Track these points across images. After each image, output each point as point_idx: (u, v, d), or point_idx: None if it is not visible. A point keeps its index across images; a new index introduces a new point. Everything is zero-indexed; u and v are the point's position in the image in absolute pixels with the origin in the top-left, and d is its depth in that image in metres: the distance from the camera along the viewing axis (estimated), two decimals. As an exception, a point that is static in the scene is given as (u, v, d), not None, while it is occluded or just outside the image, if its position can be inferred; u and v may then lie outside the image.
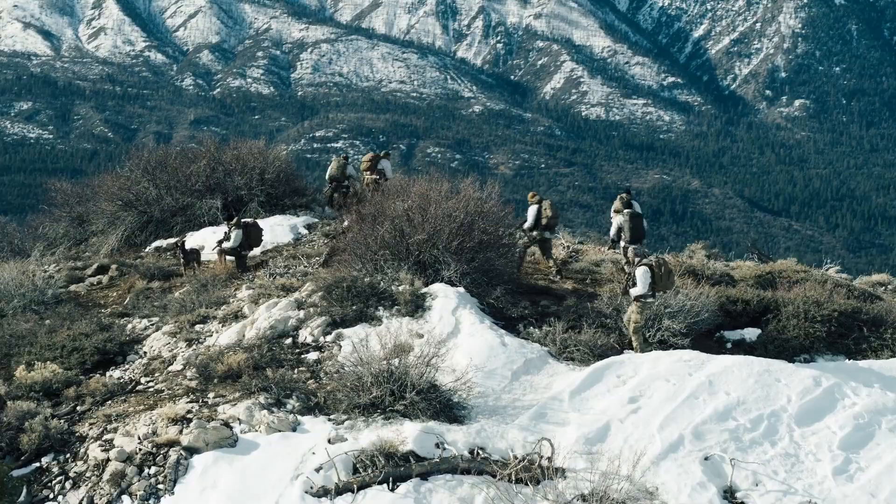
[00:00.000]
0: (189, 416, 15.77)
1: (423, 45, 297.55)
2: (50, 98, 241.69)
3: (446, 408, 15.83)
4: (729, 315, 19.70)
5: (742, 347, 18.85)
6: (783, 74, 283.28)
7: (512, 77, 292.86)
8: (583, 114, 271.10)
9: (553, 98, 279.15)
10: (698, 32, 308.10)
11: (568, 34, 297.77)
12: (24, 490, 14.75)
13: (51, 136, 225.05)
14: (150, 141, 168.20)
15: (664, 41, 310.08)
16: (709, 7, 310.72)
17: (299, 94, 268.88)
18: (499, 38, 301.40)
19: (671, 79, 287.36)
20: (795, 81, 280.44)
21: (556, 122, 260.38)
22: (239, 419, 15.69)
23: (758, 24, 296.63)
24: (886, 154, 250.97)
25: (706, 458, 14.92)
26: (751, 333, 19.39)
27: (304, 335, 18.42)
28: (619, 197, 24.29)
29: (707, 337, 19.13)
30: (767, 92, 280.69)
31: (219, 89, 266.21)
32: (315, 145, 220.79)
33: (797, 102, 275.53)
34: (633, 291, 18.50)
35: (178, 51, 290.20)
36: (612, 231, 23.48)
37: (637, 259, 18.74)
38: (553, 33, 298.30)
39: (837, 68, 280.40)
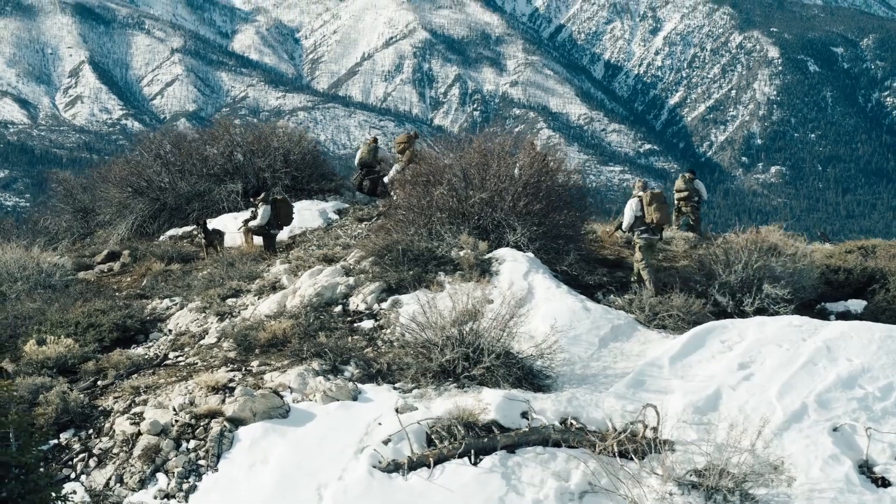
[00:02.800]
0: (232, 384, 13.61)
1: (400, 112, 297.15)
2: (27, 166, 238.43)
3: (528, 375, 13.78)
4: (829, 285, 17.83)
5: (847, 320, 16.86)
6: (759, 141, 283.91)
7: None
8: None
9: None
10: (674, 100, 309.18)
11: (544, 101, 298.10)
12: (41, 469, 12.45)
13: (27, 205, 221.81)
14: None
15: (640, 108, 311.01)
16: (684, 75, 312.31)
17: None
18: (475, 105, 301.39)
19: (647, 146, 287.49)
20: (771, 148, 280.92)
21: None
22: (290, 387, 13.55)
23: (733, 92, 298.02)
24: (862, 220, 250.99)
25: (835, 429, 12.92)
26: (856, 305, 17.57)
27: (356, 303, 16.33)
28: (681, 176, 22.59)
29: (807, 309, 17.21)
30: (744, 158, 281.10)
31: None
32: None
33: (773, 169, 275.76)
34: (623, 225, 18.69)
35: (156, 119, 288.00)
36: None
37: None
38: (529, 101, 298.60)
39: (813, 135, 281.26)
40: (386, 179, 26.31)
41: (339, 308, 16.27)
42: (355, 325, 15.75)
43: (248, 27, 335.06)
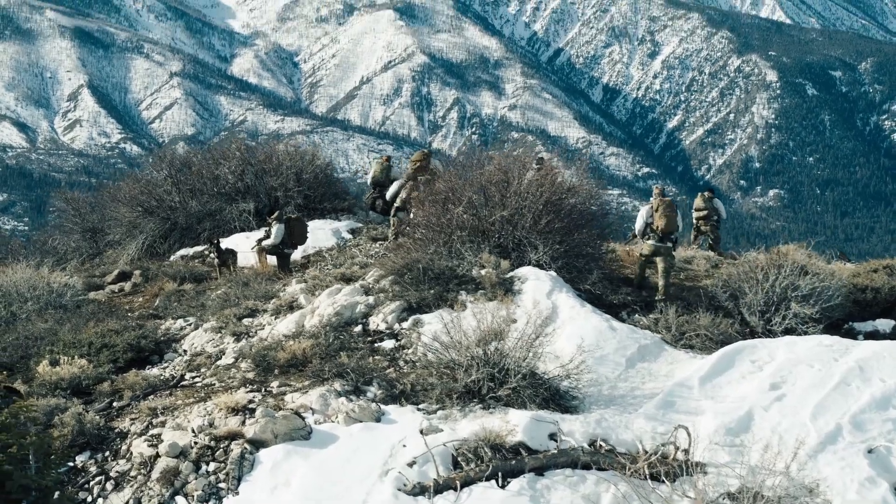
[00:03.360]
0: (252, 405, 13.25)
1: (399, 136, 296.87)
2: (25, 190, 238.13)
3: (555, 396, 13.43)
4: (857, 304, 17.53)
5: (875, 340, 16.53)
6: (757, 164, 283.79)
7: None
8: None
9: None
10: (672, 123, 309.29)
11: (543, 125, 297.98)
12: (57, 493, 12.10)
13: (26, 228, 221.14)
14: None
15: (638, 132, 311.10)
16: (682, 98, 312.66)
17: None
18: (474, 129, 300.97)
19: (646, 169, 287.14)
20: (769, 171, 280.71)
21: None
22: (311, 408, 13.19)
23: (731, 115, 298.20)
24: (861, 243, 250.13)
25: (870, 451, 12.57)
26: (884, 324, 17.25)
27: (376, 322, 15.99)
28: (700, 194, 22.36)
29: (834, 328, 16.90)
30: (742, 182, 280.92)
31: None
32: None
33: (771, 192, 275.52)
34: (636, 231, 19.51)
35: (154, 142, 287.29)
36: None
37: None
38: (528, 124, 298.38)
39: (811, 158, 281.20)
40: (388, 195, 25.90)
41: (358, 328, 15.93)
42: (376, 345, 15.41)
43: (246, 51, 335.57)
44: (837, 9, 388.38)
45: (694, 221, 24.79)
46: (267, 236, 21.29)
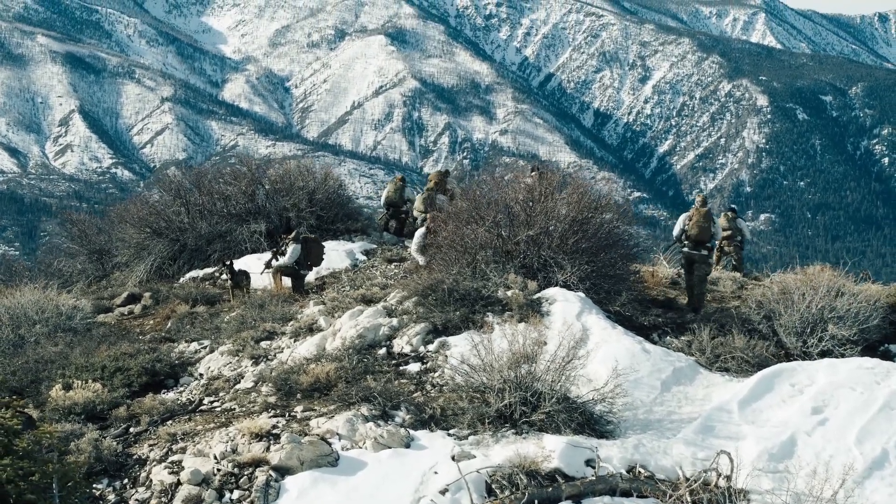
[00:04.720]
0: (276, 430, 12.72)
1: (390, 160, 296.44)
2: (16, 215, 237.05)
3: (590, 420, 12.96)
4: (893, 325, 17.12)
5: (912, 362, 16.14)
6: (748, 189, 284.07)
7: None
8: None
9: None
10: (663, 148, 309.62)
11: (534, 150, 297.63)
12: (74, 522, 11.56)
13: (17, 253, 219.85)
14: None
15: (629, 156, 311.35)
16: (673, 123, 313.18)
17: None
18: (465, 153, 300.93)
19: (637, 193, 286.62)
20: (760, 196, 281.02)
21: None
22: (338, 434, 12.67)
23: (722, 140, 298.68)
24: (852, 268, 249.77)
25: (918, 477, 12.13)
26: (922, 347, 16.81)
27: (401, 345, 15.49)
28: (723, 214, 22.02)
29: (870, 351, 16.47)
30: (733, 206, 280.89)
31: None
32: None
33: (763, 217, 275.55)
34: (674, 235, 20.25)
35: (145, 167, 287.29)
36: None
37: None
38: (519, 149, 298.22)
39: (802, 182, 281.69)
40: (415, 206, 25.53)
41: (382, 350, 15.43)
42: (401, 368, 14.90)
43: (238, 76, 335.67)
44: (828, 34, 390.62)
45: (717, 242, 24.45)
46: (275, 256, 20.84)
